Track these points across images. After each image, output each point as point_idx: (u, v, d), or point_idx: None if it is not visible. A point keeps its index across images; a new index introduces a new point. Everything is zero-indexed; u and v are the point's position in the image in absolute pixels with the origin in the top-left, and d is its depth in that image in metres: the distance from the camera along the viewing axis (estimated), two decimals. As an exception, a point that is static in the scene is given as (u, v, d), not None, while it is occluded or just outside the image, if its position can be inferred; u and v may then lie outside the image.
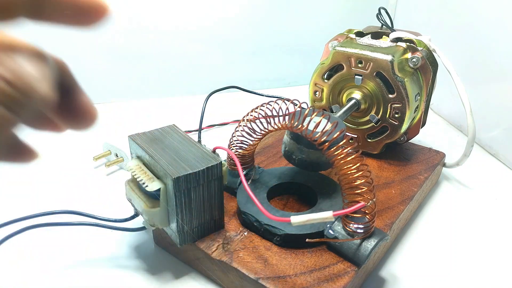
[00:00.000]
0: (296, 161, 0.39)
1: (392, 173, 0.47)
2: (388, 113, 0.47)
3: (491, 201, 0.49)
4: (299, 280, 0.32)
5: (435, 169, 0.49)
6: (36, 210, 0.38)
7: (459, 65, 0.48)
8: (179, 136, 0.38)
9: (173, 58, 0.75)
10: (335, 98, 0.50)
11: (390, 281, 0.38)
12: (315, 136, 0.34)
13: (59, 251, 0.40)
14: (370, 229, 0.34)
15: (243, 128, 0.40)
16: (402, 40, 0.48)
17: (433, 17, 0.71)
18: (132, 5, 0.69)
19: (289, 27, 0.81)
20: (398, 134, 0.47)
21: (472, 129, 0.47)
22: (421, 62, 0.46)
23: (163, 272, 0.38)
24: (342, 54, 0.46)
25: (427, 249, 0.42)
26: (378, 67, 0.45)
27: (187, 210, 0.34)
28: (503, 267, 0.40)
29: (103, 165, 0.53)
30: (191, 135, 0.46)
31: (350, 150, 0.34)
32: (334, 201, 0.39)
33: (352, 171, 0.33)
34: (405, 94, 0.45)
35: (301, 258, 0.35)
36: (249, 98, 0.71)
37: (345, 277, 0.33)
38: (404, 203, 0.42)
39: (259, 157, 0.49)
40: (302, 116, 0.35)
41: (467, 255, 0.41)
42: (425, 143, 0.56)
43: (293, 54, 0.83)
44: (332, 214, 0.30)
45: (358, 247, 0.34)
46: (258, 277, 0.33)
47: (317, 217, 0.30)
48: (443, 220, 0.46)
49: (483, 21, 0.59)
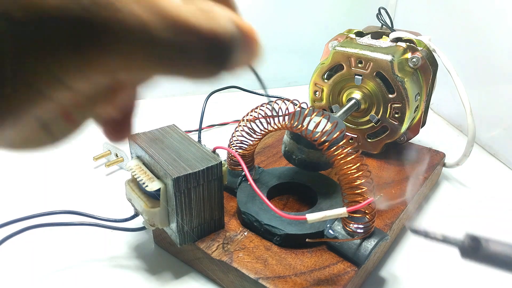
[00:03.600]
0: (296, 161, 0.39)
1: (392, 173, 0.47)
2: (388, 113, 0.47)
3: (491, 201, 0.49)
4: (299, 280, 0.32)
5: (435, 169, 0.49)
6: (36, 210, 0.38)
7: (459, 65, 0.48)
8: (179, 136, 0.38)
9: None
10: (335, 98, 0.50)
11: (390, 281, 0.38)
12: (315, 136, 0.34)
13: (59, 251, 0.40)
14: (370, 229, 0.34)
15: (243, 128, 0.40)
16: (402, 40, 0.48)
17: (433, 17, 0.71)
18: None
19: (289, 27, 0.81)
20: (398, 134, 0.47)
21: (472, 129, 0.47)
22: (421, 62, 0.46)
23: (163, 272, 0.38)
24: (342, 54, 0.46)
25: (427, 249, 0.42)
26: (378, 67, 0.45)
27: (187, 210, 0.34)
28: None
29: (103, 165, 0.53)
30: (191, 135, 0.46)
31: (350, 150, 0.34)
32: (334, 201, 0.39)
33: (352, 171, 0.33)
34: (405, 94, 0.45)
35: (301, 258, 0.35)
36: (249, 98, 0.71)
37: (345, 277, 0.33)
38: (404, 203, 0.42)
39: (259, 157, 0.49)
40: (302, 116, 0.35)
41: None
42: (425, 143, 0.56)
43: (293, 54, 0.83)
44: (346, 210, 0.31)
45: (358, 247, 0.34)
46: (258, 277, 0.33)
47: (332, 214, 0.31)
48: (443, 220, 0.46)
49: (483, 21, 0.59)
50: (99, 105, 0.14)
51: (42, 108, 0.12)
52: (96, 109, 0.15)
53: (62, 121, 0.14)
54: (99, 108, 0.15)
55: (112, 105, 0.15)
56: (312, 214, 0.31)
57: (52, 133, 0.14)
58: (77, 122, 0.15)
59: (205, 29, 0.13)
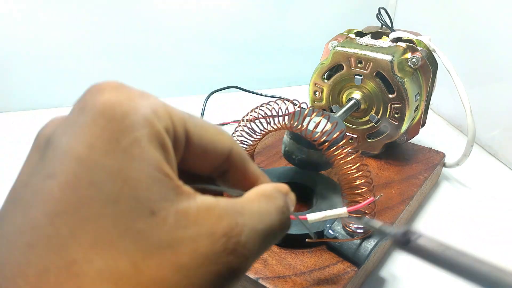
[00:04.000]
0: (296, 161, 0.39)
1: (392, 173, 0.47)
2: (388, 113, 0.47)
3: (491, 201, 0.49)
4: (299, 280, 0.32)
5: (435, 169, 0.49)
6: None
7: (459, 65, 0.48)
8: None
9: (173, 58, 0.75)
10: (335, 98, 0.50)
11: (390, 281, 0.38)
12: (314, 136, 0.34)
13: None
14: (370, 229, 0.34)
15: (243, 128, 0.40)
16: (402, 40, 0.48)
17: (433, 17, 0.71)
18: (132, 5, 0.69)
19: (289, 27, 0.81)
20: (398, 134, 0.47)
21: (472, 129, 0.47)
22: (421, 62, 0.46)
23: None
24: (342, 54, 0.46)
25: (427, 249, 0.42)
26: (378, 67, 0.45)
27: (187, 210, 0.34)
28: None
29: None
30: (191, 135, 0.45)
31: (350, 150, 0.34)
32: (334, 201, 0.39)
33: (352, 171, 0.33)
34: (405, 94, 0.45)
35: (301, 258, 0.35)
36: (249, 98, 0.71)
37: (345, 277, 0.33)
38: (404, 203, 0.42)
39: (259, 157, 0.49)
40: (302, 116, 0.35)
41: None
42: (425, 143, 0.56)
43: (293, 54, 0.83)
44: (346, 210, 0.31)
45: (358, 247, 0.34)
46: (258, 277, 0.33)
47: (333, 214, 0.31)
48: (443, 220, 0.46)
49: (483, 21, 0.59)
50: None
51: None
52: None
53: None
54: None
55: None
56: (313, 213, 0.31)
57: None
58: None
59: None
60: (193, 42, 0.75)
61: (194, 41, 0.75)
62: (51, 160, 0.15)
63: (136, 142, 0.15)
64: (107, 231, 0.14)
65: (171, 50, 0.75)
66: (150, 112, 0.16)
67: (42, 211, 0.14)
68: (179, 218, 0.15)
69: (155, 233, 0.15)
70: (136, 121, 0.16)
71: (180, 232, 0.15)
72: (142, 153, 0.15)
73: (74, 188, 0.14)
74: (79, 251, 0.14)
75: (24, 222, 0.14)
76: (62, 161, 0.15)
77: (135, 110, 0.16)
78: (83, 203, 0.14)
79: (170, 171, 0.16)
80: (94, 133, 0.15)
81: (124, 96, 0.16)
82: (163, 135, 0.16)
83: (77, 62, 0.70)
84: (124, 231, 0.14)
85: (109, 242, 0.14)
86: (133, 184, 0.15)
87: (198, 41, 0.76)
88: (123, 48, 0.71)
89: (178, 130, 0.18)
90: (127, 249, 0.14)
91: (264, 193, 0.20)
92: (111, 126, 0.15)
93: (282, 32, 0.81)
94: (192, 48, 0.76)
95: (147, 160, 0.15)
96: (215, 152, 0.19)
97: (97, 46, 0.70)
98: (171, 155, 0.17)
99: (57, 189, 0.14)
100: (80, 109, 0.16)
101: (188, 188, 0.17)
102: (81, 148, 0.15)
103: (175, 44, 0.74)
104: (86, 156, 0.15)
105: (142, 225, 0.15)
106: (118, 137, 0.15)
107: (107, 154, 0.15)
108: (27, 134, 0.70)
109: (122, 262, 0.14)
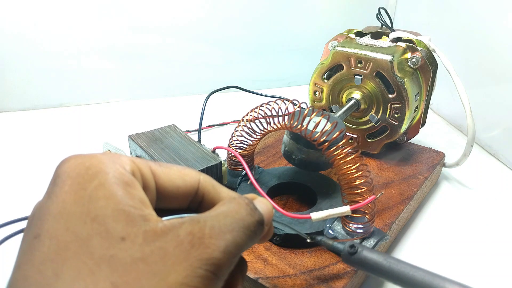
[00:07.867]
0: (295, 161, 0.39)
1: (392, 173, 0.47)
2: (388, 113, 0.47)
3: (491, 201, 0.49)
4: (299, 280, 0.32)
5: (434, 169, 0.49)
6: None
7: (459, 65, 0.48)
8: (179, 136, 0.38)
9: (173, 58, 0.75)
10: (335, 98, 0.50)
11: (390, 281, 0.38)
12: (314, 136, 0.34)
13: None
14: (369, 229, 0.34)
15: (243, 128, 0.40)
16: (402, 40, 0.48)
17: (433, 17, 0.71)
18: (132, 5, 0.69)
19: (289, 27, 0.81)
20: (398, 134, 0.47)
21: (471, 129, 0.47)
22: (421, 62, 0.46)
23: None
24: (342, 54, 0.46)
25: (426, 249, 0.42)
26: (377, 67, 0.45)
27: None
28: (502, 266, 0.40)
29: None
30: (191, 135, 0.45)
31: (349, 150, 0.34)
32: (333, 201, 0.39)
33: (351, 171, 0.33)
34: (405, 94, 0.45)
35: (301, 258, 0.35)
36: (249, 98, 0.71)
37: (344, 277, 0.33)
38: (403, 203, 0.42)
39: (259, 157, 0.49)
40: (302, 116, 0.35)
41: (467, 255, 0.41)
42: (425, 143, 0.56)
43: (293, 54, 0.83)
44: (349, 209, 0.31)
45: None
46: (257, 277, 0.33)
47: (335, 212, 0.31)
48: (442, 220, 0.46)
49: (483, 21, 0.59)
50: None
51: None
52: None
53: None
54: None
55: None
56: (316, 212, 0.31)
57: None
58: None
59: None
60: (193, 42, 0.75)
61: (194, 41, 0.75)
62: (35, 225, 0.19)
63: (100, 185, 0.19)
64: (84, 263, 0.17)
65: (171, 50, 0.75)
66: (110, 160, 0.20)
67: (30, 264, 0.17)
68: (147, 236, 0.18)
69: (128, 253, 0.17)
70: (99, 169, 0.19)
71: (149, 246, 0.18)
72: (106, 193, 0.18)
73: (54, 238, 0.18)
74: (63, 286, 0.16)
75: (17, 277, 0.18)
76: (43, 222, 0.18)
77: (97, 161, 0.19)
78: (62, 248, 0.17)
79: (138, 203, 0.19)
80: (64, 191, 0.19)
81: (86, 157, 0.20)
82: (126, 175, 0.19)
83: (77, 62, 0.70)
84: (99, 260, 0.17)
85: (88, 272, 0.17)
86: (101, 220, 0.18)
87: (198, 41, 0.76)
88: (123, 48, 0.71)
89: (144, 171, 0.21)
90: (105, 273, 0.17)
91: (224, 201, 0.22)
92: (77, 181, 0.19)
93: (282, 32, 0.81)
94: (192, 48, 0.76)
95: (112, 198, 0.18)
96: (186, 184, 0.22)
97: (97, 46, 0.70)
98: (140, 191, 0.20)
99: (41, 244, 0.18)
100: (53, 180, 0.20)
101: (155, 216, 0.19)
102: (56, 207, 0.18)
103: (175, 44, 0.74)
104: (61, 211, 0.18)
105: (114, 251, 0.17)
106: (84, 186, 0.19)
107: (76, 203, 0.18)
108: (27, 134, 0.70)
109: (101, 284, 0.16)
